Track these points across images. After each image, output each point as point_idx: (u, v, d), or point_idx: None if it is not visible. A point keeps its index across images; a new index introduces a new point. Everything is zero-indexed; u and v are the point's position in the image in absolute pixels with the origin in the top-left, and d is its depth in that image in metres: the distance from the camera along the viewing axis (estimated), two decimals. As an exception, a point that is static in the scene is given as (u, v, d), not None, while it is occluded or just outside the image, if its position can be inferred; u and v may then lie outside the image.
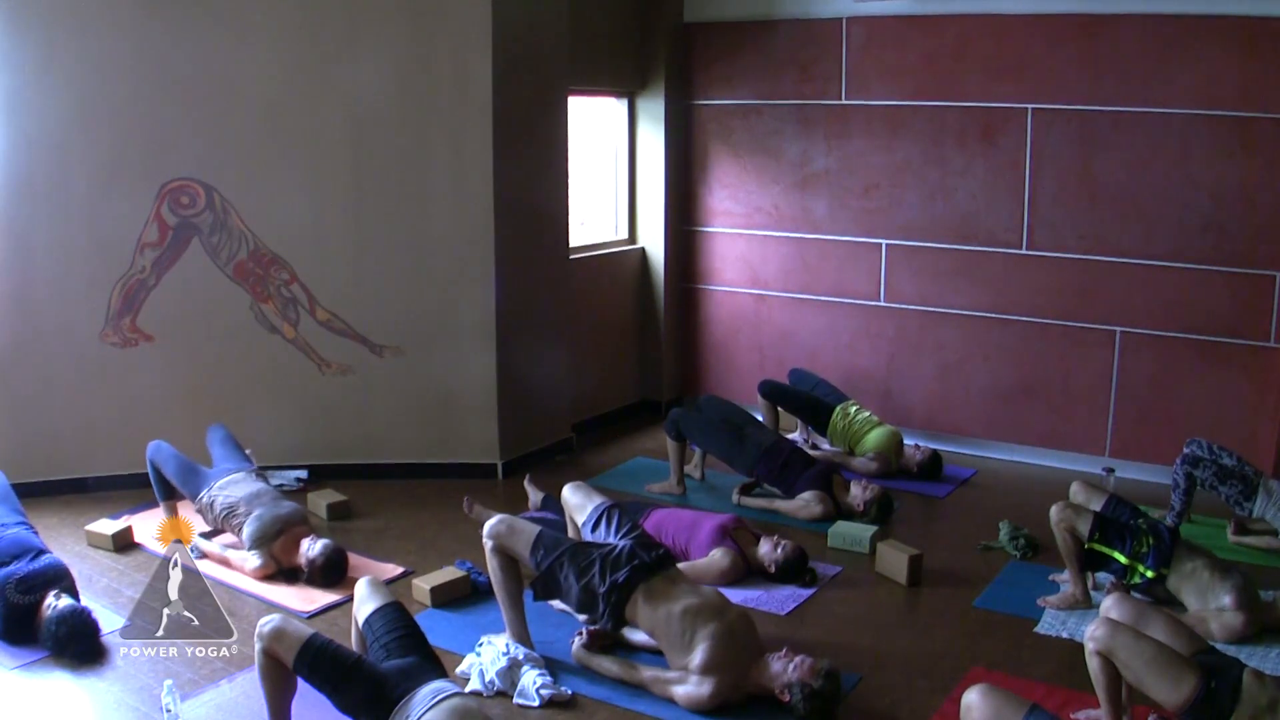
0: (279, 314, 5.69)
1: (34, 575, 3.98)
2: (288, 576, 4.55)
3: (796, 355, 6.82)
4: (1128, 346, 5.94)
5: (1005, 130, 6.07)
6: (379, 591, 3.46)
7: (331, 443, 5.80)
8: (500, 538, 3.90)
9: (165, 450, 4.91)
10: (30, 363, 5.36)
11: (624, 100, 7.06)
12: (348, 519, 5.32)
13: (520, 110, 5.77)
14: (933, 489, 5.85)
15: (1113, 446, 6.02)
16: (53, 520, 5.10)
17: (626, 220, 7.19)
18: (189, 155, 5.43)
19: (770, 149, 6.81)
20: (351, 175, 5.62)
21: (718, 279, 7.19)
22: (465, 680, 3.74)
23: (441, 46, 5.55)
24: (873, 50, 6.39)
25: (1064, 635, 4.17)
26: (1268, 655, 3.94)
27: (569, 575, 3.80)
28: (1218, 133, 5.55)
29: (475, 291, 5.75)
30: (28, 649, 3.90)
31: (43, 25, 5.13)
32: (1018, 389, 6.28)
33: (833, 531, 5.07)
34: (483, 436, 5.90)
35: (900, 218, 6.46)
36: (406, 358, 5.79)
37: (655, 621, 3.67)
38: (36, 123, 5.21)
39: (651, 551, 3.85)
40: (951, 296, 6.37)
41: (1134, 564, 4.18)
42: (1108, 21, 5.71)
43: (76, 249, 5.35)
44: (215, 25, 5.36)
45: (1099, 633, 3.17)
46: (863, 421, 6.11)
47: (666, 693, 3.64)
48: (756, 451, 5.51)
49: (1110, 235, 5.89)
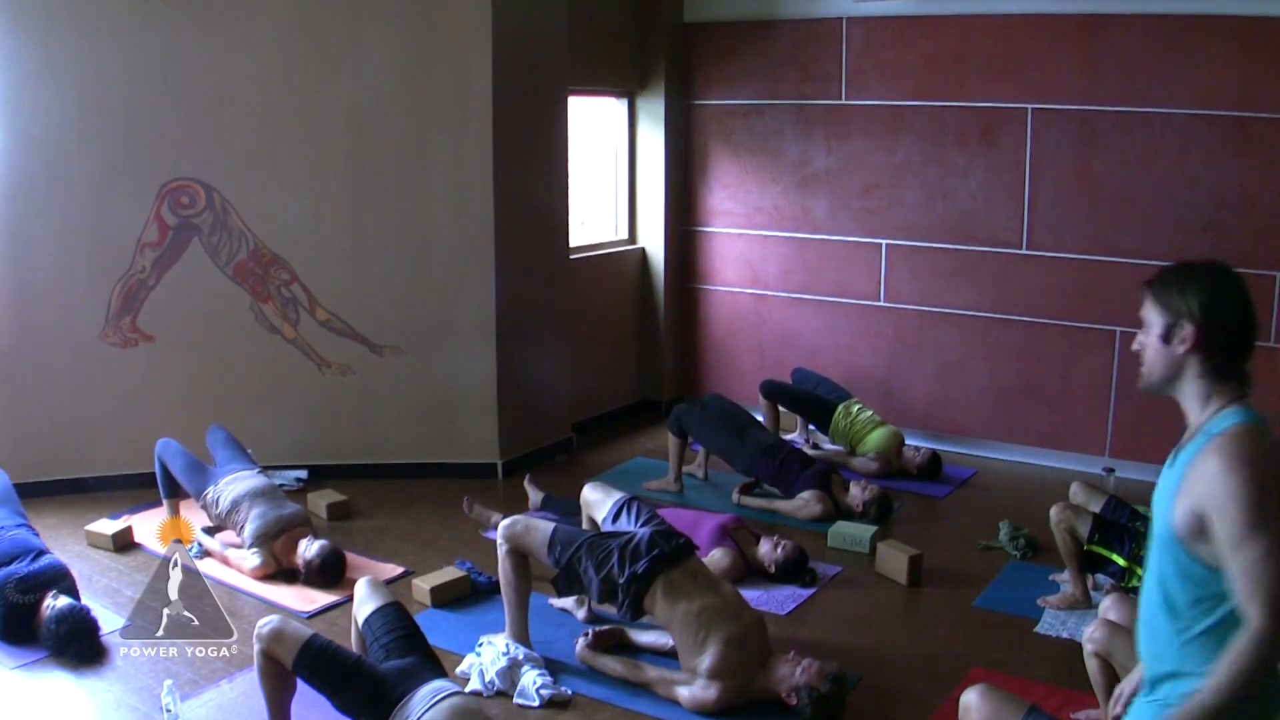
0: (279, 314, 5.69)
1: (34, 575, 3.98)
2: (287, 577, 4.55)
3: (796, 355, 6.82)
4: (1128, 346, 5.92)
5: (1005, 130, 6.07)
6: (379, 591, 3.46)
7: (331, 443, 5.80)
8: (516, 537, 3.87)
9: (173, 447, 4.92)
10: (30, 363, 5.36)
11: (624, 100, 7.06)
12: (348, 519, 5.32)
13: (520, 110, 5.77)
14: (933, 489, 5.85)
15: (1113, 446, 6.02)
16: (53, 520, 5.10)
17: (626, 220, 7.19)
18: (189, 155, 5.43)
19: (770, 149, 6.81)
20: (351, 175, 5.62)
21: (718, 279, 7.19)
22: (465, 680, 3.74)
23: (441, 46, 5.55)
24: (873, 50, 6.39)
25: (1064, 635, 4.17)
26: (1267, 655, 3.94)
27: (588, 568, 3.76)
28: (1218, 133, 5.55)
29: (475, 291, 5.75)
30: (28, 649, 3.90)
31: (43, 25, 5.13)
32: (1017, 389, 6.28)
33: (833, 531, 5.07)
34: (483, 436, 5.90)
35: (900, 218, 6.46)
36: (406, 358, 5.79)
37: (672, 617, 3.65)
38: (36, 123, 5.21)
39: (672, 541, 3.80)
40: (951, 296, 6.37)
41: (1133, 567, 4.18)
42: (1108, 21, 5.71)
43: (76, 249, 5.36)
44: (215, 25, 5.36)
45: (1097, 634, 3.18)
46: (865, 421, 6.11)
47: (671, 694, 3.64)
48: (756, 451, 5.52)
49: (1110, 235, 5.89)
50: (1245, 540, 1.79)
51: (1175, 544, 1.92)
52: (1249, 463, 1.83)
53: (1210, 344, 1.94)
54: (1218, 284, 1.96)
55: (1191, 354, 1.96)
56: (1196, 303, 1.94)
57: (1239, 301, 1.96)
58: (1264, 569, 1.77)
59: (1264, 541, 1.78)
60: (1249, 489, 1.80)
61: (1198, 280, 1.96)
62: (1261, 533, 1.78)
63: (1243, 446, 1.85)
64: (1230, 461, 1.84)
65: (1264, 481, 1.81)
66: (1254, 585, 1.79)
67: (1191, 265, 2.02)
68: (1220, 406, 1.96)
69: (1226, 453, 1.85)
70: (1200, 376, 1.97)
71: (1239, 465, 1.83)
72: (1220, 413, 1.95)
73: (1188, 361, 1.97)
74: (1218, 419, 1.95)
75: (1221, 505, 1.82)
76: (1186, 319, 1.95)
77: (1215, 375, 1.97)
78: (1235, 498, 1.81)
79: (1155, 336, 2.01)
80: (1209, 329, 1.93)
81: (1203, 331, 1.94)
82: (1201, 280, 1.96)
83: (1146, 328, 2.03)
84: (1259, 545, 1.78)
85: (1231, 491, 1.81)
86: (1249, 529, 1.79)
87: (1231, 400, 1.96)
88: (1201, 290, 1.95)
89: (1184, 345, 1.96)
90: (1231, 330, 1.95)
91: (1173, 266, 2.03)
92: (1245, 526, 1.79)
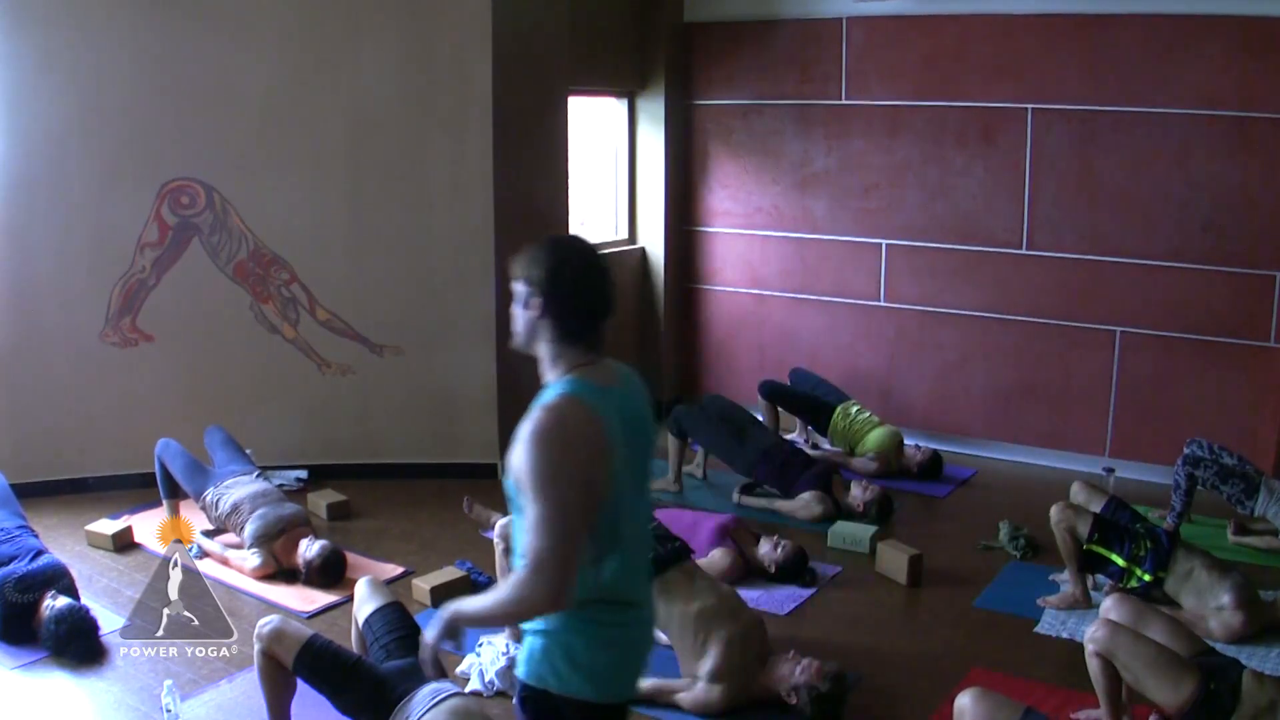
0: (279, 314, 5.69)
1: (33, 575, 3.98)
2: (287, 577, 4.55)
3: (796, 355, 6.81)
4: (1128, 346, 5.94)
5: (1005, 130, 6.07)
6: (379, 592, 3.46)
7: (331, 443, 5.80)
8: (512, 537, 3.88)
9: (174, 448, 4.93)
10: (30, 363, 5.36)
11: (624, 100, 7.06)
12: (348, 519, 5.32)
13: (520, 110, 5.77)
14: (933, 489, 5.85)
15: (1113, 446, 6.02)
16: (53, 520, 5.10)
17: (626, 220, 7.19)
18: (189, 155, 5.43)
19: (770, 149, 6.81)
20: (351, 175, 5.61)
21: (718, 279, 7.19)
22: (465, 680, 3.74)
23: (441, 46, 5.55)
24: (873, 50, 6.38)
25: (1064, 635, 4.17)
26: (1268, 655, 3.95)
27: None
28: (1217, 133, 5.55)
29: (475, 291, 5.75)
30: (28, 649, 3.90)
31: (43, 25, 5.13)
32: (1018, 389, 6.28)
33: (833, 531, 5.07)
34: (483, 436, 5.90)
35: (900, 218, 6.46)
36: (406, 358, 5.79)
37: (669, 619, 3.65)
38: (36, 123, 5.21)
39: (668, 544, 3.81)
40: (951, 296, 6.37)
41: (1132, 567, 4.18)
42: (1108, 21, 5.71)
43: (76, 249, 5.35)
44: (215, 25, 5.36)
45: (1099, 634, 3.18)
46: (863, 422, 6.11)
47: (671, 702, 3.63)
48: (756, 452, 5.52)
49: (1110, 235, 5.89)
50: (530, 505, 2.02)
51: (515, 494, 2.10)
52: (540, 437, 2.01)
53: (554, 312, 2.12)
54: (563, 257, 2.14)
55: (542, 320, 2.14)
56: (542, 273, 2.12)
57: (582, 274, 2.14)
58: (536, 532, 2.00)
59: (540, 509, 2.00)
60: (535, 460, 2.00)
61: (546, 253, 2.14)
62: (539, 503, 2.00)
63: (541, 421, 2.04)
64: (529, 433, 2.04)
65: (552, 454, 2.00)
66: (526, 543, 2.02)
67: (548, 239, 2.20)
68: (560, 373, 2.15)
69: (530, 424, 2.05)
70: (550, 341, 2.15)
71: (532, 438, 2.02)
72: (555, 381, 2.15)
73: (539, 327, 2.15)
74: (551, 387, 2.14)
75: (519, 470, 2.05)
76: (536, 288, 2.13)
77: (562, 341, 2.14)
78: (526, 467, 2.02)
79: (518, 303, 2.19)
80: (551, 298, 2.11)
81: (547, 300, 2.12)
82: (550, 253, 2.14)
83: (514, 295, 2.20)
84: (535, 512, 2.00)
85: (524, 461, 2.03)
86: (532, 496, 2.01)
87: (571, 368, 2.14)
88: (547, 262, 2.12)
89: (534, 312, 2.15)
90: (571, 300, 2.12)
91: (536, 241, 2.20)
92: (530, 493, 2.01)
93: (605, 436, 2.06)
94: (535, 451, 2.02)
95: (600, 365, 2.16)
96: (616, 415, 2.10)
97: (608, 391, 2.12)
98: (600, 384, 2.12)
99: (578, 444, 2.03)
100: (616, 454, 2.07)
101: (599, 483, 2.05)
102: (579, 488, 2.02)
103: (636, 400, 2.21)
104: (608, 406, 2.10)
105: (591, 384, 2.11)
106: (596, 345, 2.16)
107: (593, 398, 2.08)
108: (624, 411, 2.14)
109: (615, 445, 2.07)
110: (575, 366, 2.14)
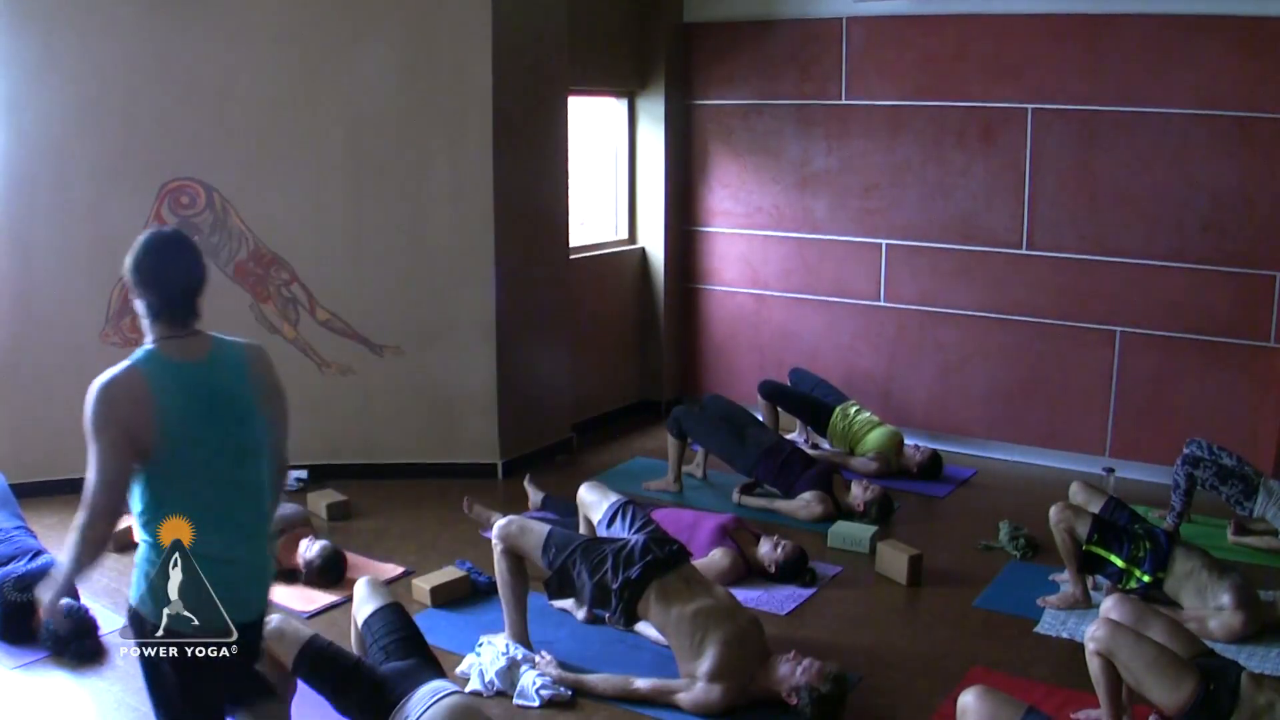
0: (279, 314, 5.69)
1: (32, 574, 3.97)
2: (287, 577, 4.54)
3: (796, 355, 6.82)
4: (1128, 346, 5.94)
5: (1005, 130, 6.07)
6: (379, 592, 3.46)
7: (331, 443, 5.80)
8: (511, 538, 3.89)
9: None
10: (30, 363, 5.36)
11: (624, 100, 7.05)
12: (348, 519, 5.32)
13: (520, 110, 5.77)
14: (933, 489, 5.85)
15: (1113, 446, 6.02)
16: (53, 520, 5.08)
17: (626, 220, 7.19)
18: (189, 155, 5.43)
19: (770, 149, 6.81)
20: (351, 175, 5.61)
21: (718, 279, 7.19)
22: (465, 680, 3.74)
23: (441, 46, 5.55)
24: (873, 50, 6.39)
25: (1064, 635, 4.17)
26: (1268, 655, 3.95)
27: (582, 572, 3.78)
28: (1217, 133, 5.55)
29: (475, 291, 5.75)
30: (28, 648, 3.90)
31: (43, 25, 5.13)
32: (1018, 389, 6.28)
33: (833, 531, 5.07)
34: (483, 436, 5.90)
35: (900, 218, 6.46)
36: (406, 358, 5.79)
37: (666, 621, 3.66)
38: (37, 122, 5.21)
39: (666, 547, 3.82)
40: (951, 296, 6.37)
41: (1130, 568, 4.18)
42: (1108, 21, 5.71)
43: (76, 249, 5.35)
44: (215, 25, 5.36)
45: (1099, 634, 3.18)
46: (863, 422, 6.11)
47: (670, 703, 3.62)
48: (756, 451, 5.52)
49: (1110, 235, 5.89)
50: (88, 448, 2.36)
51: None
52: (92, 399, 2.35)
53: (139, 294, 2.47)
54: (146, 246, 2.47)
55: (136, 301, 2.50)
56: (130, 261, 2.47)
57: (157, 263, 2.46)
58: (87, 481, 2.36)
59: (91, 461, 2.35)
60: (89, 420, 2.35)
61: (137, 244, 2.48)
62: (90, 455, 2.35)
63: (95, 385, 2.37)
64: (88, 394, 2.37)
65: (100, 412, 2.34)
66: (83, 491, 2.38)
67: (143, 233, 2.52)
68: (145, 345, 2.48)
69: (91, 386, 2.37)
70: (142, 316, 2.50)
71: (88, 398, 2.36)
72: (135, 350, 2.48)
73: (137, 308, 2.50)
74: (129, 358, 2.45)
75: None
76: (128, 274, 2.48)
77: (148, 317, 2.49)
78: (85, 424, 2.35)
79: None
80: (136, 282, 2.47)
81: (133, 283, 2.47)
82: (139, 244, 2.48)
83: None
84: (88, 464, 2.36)
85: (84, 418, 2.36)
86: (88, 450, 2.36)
87: (155, 341, 2.47)
88: (134, 251, 2.47)
89: (132, 294, 2.51)
90: (150, 282, 2.46)
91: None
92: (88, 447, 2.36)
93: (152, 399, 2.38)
94: (91, 413, 2.35)
95: (188, 339, 2.50)
96: (181, 385, 2.43)
97: (180, 365, 2.46)
98: (175, 357, 2.46)
99: (121, 402, 2.36)
100: (168, 416, 2.39)
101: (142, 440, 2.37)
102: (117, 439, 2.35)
103: (222, 374, 2.52)
104: (172, 376, 2.43)
105: (163, 356, 2.45)
106: (185, 320, 2.49)
107: (151, 367, 2.42)
108: (200, 383, 2.46)
109: (168, 409, 2.39)
110: (159, 340, 2.47)
